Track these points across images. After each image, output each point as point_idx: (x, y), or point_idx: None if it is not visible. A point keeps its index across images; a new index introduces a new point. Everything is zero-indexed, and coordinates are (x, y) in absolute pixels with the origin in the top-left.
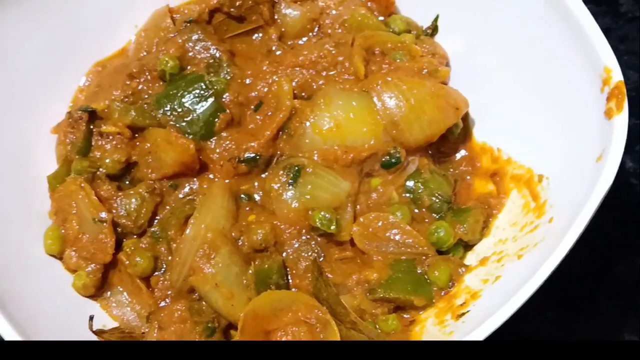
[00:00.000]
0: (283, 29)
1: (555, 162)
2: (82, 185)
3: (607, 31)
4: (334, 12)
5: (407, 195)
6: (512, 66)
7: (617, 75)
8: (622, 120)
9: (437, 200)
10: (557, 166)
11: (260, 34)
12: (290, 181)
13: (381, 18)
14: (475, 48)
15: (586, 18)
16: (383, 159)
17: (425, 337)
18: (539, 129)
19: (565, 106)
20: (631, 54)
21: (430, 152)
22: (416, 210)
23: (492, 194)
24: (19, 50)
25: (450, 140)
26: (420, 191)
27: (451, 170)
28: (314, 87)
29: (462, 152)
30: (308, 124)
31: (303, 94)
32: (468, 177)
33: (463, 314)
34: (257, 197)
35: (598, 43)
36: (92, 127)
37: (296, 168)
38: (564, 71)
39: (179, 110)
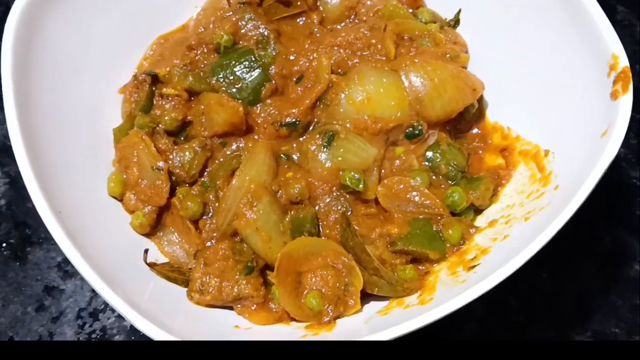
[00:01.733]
0: (324, 15)
1: (562, 138)
2: (143, 137)
3: None
4: (369, 2)
5: (427, 163)
6: (524, 53)
7: (624, 61)
8: (627, 100)
9: (453, 169)
10: (563, 142)
11: (304, 18)
12: (325, 144)
13: (410, 10)
14: (492, 38)
15: (596, 9)
16: (407, 130)
17: (439, 286)
18: (548, 110)
19: (572, 89)
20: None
21: (447, 128)
22: (434, 177)
23: (501, 166)
24: (95, 23)
25: (466, 118)
26: (438, 160)
27: (465, 144)
28: (350, 64)
29: (475, 130)
30: (343, 95)
31: (339, 70)
32: (480, 152)
33: (474, 266)
34: (295, 157)
35: (606, 32)
36: (154, 89)
37: (331, 133)
38: (572, 57)
39: (231, 78)
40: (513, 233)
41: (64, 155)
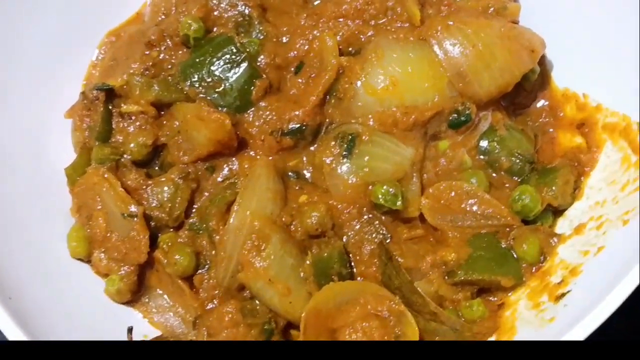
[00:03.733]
0: None
1: None
2: (106, 175)
3: None
4: None
5: (482, 157)
6: None
7: None
8: None
9: (518, 161)
10: None
11: None
12: (344, 153)
13: None
14: None
15: None
16: (450, 118)
17: (519, 323)
18: (636, 66)
19: None
20: None
21: (503, 104)
22: (494, 175)
23: (581, 148)
24: (23, 28)
25: (527, 88)
26: (496, 152)
27: (530, 123)
28: (362, 39)
29: (541, 102)
30: (359, 83)
31: (350, 49)
32: (551, 130)
33: (563, 294)
34: (307, 174)
35: None
36: (110, 107)
37: (350, 137)
38: None
39: (209, 80)
40: (609, 243)
41: (5, 211)
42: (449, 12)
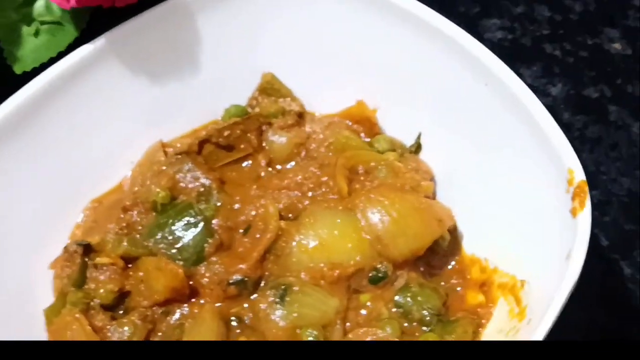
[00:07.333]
0: (272, 155)
1: (532, 265)
2: (77, 316)
3: (598, 140)
4: (321, 135)
5: (397, 309)
6: (490, 177)
7: (580, 175)
8: (584, 216)
9: (427, 314)
10: (533, 269)
11: (250, 161)
12: (277, 300)
13: (368, 139)
14: (457, 162)
15: (548, 122)
16: (370, 274)
17: None
18: (517, 236)
19: (536, 209)
20: (622, 160)
21: (420, 266)
22: (405, 324)
23: (481, 304)
24: (17, 193)
25: (439, 253)
26: (409, 305)
27: (442, 283)
28: (300, 207)
29: (451, 265)
30: (294, 243)
31: (290, 215)
32: (459, 289)
33: None
34: (247, 320)
35: (560, 146)
36: (87, 259)
37: (283, 287)
38: (534, 176)
39: (169, 238)
40: None
41: None
42: (372, 187)
